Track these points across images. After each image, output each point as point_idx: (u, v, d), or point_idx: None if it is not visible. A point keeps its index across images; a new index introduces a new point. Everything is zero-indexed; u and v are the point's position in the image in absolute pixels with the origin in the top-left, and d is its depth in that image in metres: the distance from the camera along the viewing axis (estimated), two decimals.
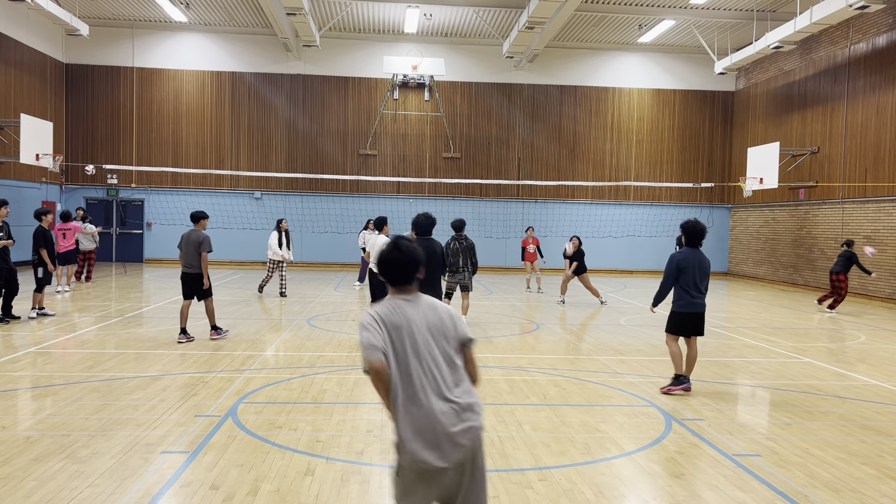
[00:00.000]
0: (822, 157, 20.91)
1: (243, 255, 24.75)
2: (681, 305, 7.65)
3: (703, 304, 7.71)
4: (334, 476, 5.00)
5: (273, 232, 16.02)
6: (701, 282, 7.61)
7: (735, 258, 26.01)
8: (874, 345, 11.57)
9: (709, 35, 23.70)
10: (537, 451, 5.63)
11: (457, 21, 23.45)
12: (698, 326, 7.71)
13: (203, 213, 10.34)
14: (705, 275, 7.64)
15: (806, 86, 21.81)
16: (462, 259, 11.44)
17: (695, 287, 7.59)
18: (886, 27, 18.23)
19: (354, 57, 25.17)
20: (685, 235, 7.65)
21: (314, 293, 17.04)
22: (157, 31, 24.68)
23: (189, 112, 24.90)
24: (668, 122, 26.18)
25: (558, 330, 12.23)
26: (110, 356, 8.99)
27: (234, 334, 10.77)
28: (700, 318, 7.69)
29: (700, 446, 5.89)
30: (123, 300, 14.86)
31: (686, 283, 7.57)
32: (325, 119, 25.28)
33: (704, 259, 7.68)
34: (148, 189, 24.85)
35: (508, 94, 25.66)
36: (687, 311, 7.64)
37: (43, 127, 19.75)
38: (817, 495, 4.89)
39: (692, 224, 7.61)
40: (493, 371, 8.62)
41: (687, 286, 7.58)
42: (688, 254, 7.62)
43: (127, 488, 4.68)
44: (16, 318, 11.59)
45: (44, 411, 6.49)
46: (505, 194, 25.63)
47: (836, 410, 7.23)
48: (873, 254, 16.42)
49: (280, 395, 7.23)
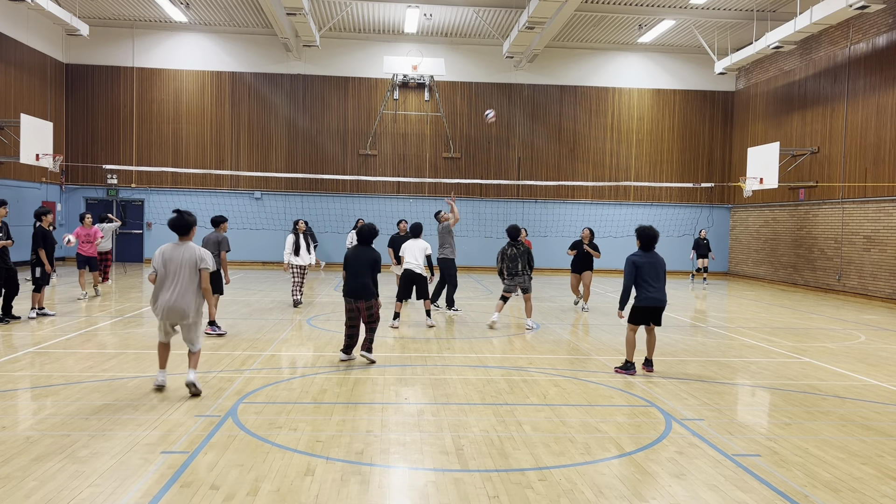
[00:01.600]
0: (822, 157, 20.91)
1: (243, 255, 24.75)
2: (641, 300, 8.56)
3: (662, 297, 8.56)
4: (334, 476, 5.00)
5: (289, 235, 14.14)
6: (657, 279, 8.51)
7: (735, 258, 26.01)
8: (874, 345, 11.57)
9: (709, 35, 23.70)
10: (537, 451, 5.63)
11: (457, 21, 23.45)
12: (656, 317, 8.65)
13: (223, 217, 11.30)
14: (661, 272, 8.56)
15: (806, 86, 21.81)
16: (521, 263, 11.97)
17: (652, 284, 8.49)
18: (886, 27, 18.23)
19: (354, 57, 25.17)
20: (640, 240, 8.63)
21: (314, 293, 17.04)
22: (157, 31, 24.68)
23: (189, 112, 24.90)
24: (668, 122, 26.19)
25: (558, 330, 12.23)
26: (110, 356, 8.99)
27: (234, 334, 10.77)
28: (658, 310, 8.61)
29: (700, 446, 5.89)
30: (123, 300, 14.85)
31: (644, 281, 8.49)
32: (325, 119, 25.29)
33: (658, 259, 8.64)
34: (148, 189, 24.86)
35: (508, 94, 25.67)
36: (647, 304, 8.53)
37: (43, 127, 19.76)
38: (817, 495, 4.89)
39: (646, 229, 8.63)
40: (493, 371, 8.63)
41: (645, 284, 8.49)
42: (643, 255, 8.58)
43: (127, 488, 4.68)
44: (16, 318, 11.59)
45: (44, 411, 6.49)
46: (505, 194, 25.64)
47: (836, 410, 7.23)
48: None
49: (280, 395, 7.23)
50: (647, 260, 8.53)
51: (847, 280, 19.47)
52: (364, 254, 8.79)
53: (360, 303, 8.68)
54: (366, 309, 8.70)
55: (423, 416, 6.58)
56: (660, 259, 8.63)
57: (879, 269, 18.20)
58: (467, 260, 25.09)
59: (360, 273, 8.69)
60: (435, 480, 4.98)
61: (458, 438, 5.91)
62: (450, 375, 8.32)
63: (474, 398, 7.30)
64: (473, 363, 9.10)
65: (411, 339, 10.82)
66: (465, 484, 4.91)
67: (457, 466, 5.25)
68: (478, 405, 7.04)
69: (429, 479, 5.02)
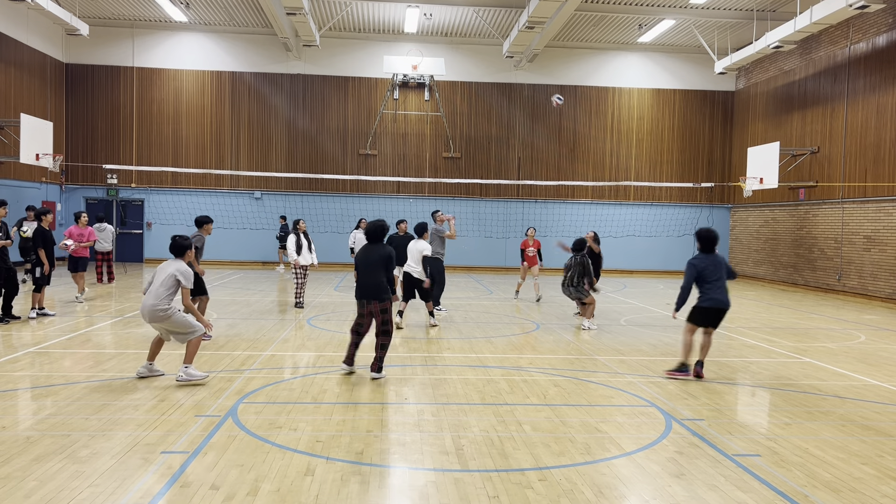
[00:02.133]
0: (822, 157, 20.91)
1: (243, 255, 24.75)
2: (704, 300, 8.48)
3: (725, 299, 8.46)
4: (334, 476, 5.00)
5: (291, 235, 13.93)
6: (720, 280, 8.44)
7: (735, 258, 26.00)
8: (874, 345, 11.57)
9: (709, 35, 23.70)
10: (537, 451, 5.63)
11: (457, 21, 23.45)
12: (717, 319, 8.55)
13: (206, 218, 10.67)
14: (723, 273, 8.48)
15: (806, 86, 21.81)
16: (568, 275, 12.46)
17: (715, 286, 8.41)
18: (886, 27, 18.23)
19: (354, 57, 25.17)
20: (700, 242, 8.60)
21: (314, 293, 17.04)
22: (157, 30, 24.68)
23: (189, 112, 24.90)
24: (668, 121, 26.19)
25: (558, 330, 12.23)
26: (110, 356, 8.99)
27: (234, 334, 10.77)
28: (721, 312, 8.49)
29: (700, 446, 5.89)
30: (123, 300, 14.85)
31: (707, 283, 8.43)
32: (325, 119, 25.28)
33: (720, 260, 8.56)
34: (148, 189, 24.86)
35: (508, 94, 25.67)
36: (710, 305, 8.45)
37: (43, 127, 19.75)
38: (817, 495, 4.89)
39: (706, 232, 8.59)
40: (493, 371, 8.63)
41: (708, 285, 8.43)
42: (703, 258, 8.52)
43: (127, 488, 4.68)
44: (16, 318, 11.59)
45: (44, 411, 6.49)
46: (505, 194, 25.64)
47: (836, 410, 7.23)
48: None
49: (280, 395, 7.23)
50: (709, 262, 8.47)
51: (847, 280, 19.47)
52: (375, 251, 8.10)
53: (374, 304, 7.94)
54: (380, 313, 7.95)
55: (423, 416, 6.58)
56: (721, 260, 8.57)
57: (879, 269, 18.20)
58: (467, 260, 25.09)
59: (373, 271, 7.99)
60: (435, 480, 4.98)
61: (458, 438, 5.91)
62: (450, 375, 8.32)
63: (474, 398, 7.30)
64: (473, 363, 9.10)
65: (411, 339, 10.82)
66: (465, 484, 4.91)
67: (457, 466, 5.25)
68: (478, 405, 7.04)
69: (429, 479, 5.02)
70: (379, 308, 7.95)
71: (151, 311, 7.33)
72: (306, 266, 14.05)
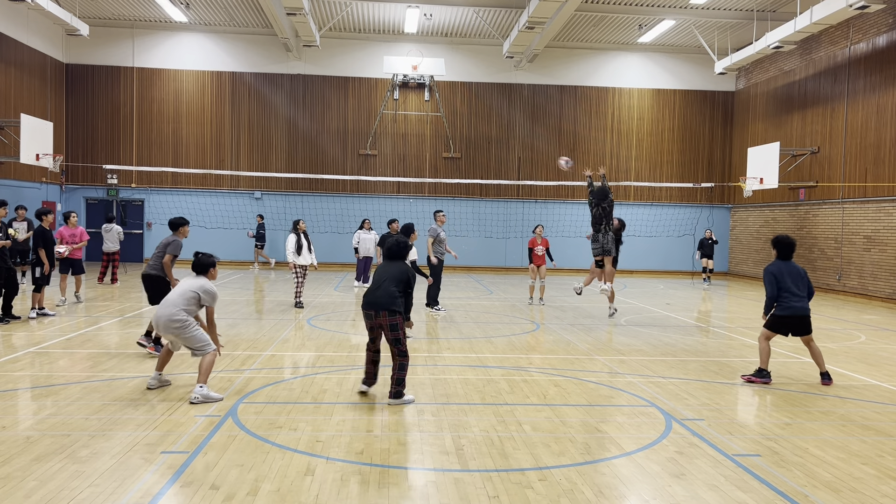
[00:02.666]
0: (822, 157, 20.91)
1: (243, 255, 24.75)
2: (783, 309, 8.37)
3: (804, 306, 8.38)
4: (334, 476, 5.00)
5: (290, 235, 13.94)
6: (799, 287, 8.37)
7: (735, 258, 26.01)
8: (874, 345, 11.57)
9: (709, 35, 23.70)
10: (537, 451, 5.63)
11: (457, 21, 23.45)
12: (802, 326, 8.40)
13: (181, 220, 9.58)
14: (800, 279, 8.43)
15: (806, 86, 21.81)
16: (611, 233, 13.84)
17: (794, 293, 8.33)
18: (886, 27, 18.23)
19: (354, 57, 25.18)
20: (776, 249, 8.60)
21: (314, 293, 17.04)
22: (157, 31, 24.69)
23: (189, 112, 24.90)
24: (668, 122, 26.19)
25: (558, 330, 12.23)
26: (110, 356, 8.99)
27: (234, 334, 10.77)
28: (803, 319, 8.37)
29: (700, 446, 5.89)
30: (123, 300, 14.85)
31: (785, 290, 8.35)
32: (326, 119, 25.29)
33: (797, 268, 8.51)
34: (148, 189, 24.86)
35: (508, 94, 25.67)
36: (787, 313, 8.34)
37: (43, 127, 19.75)
38: (817, 495, 4.89)
39: (784, 238, 8.58)
40: (493, 371, 8.63)
41: (787, 293, 8.34)
42: (780, 265, 8.49)
43: (127, 488, 4.68)
44: (16, 318, 11.59)
45: (44, 411, 6.49)
46: (505, 194, 25.64)
47: (836, 410, 7.23)
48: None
49: (280, 395, 7.23)
50: (787, 269, 8.40)
51: (847, 280, 19.47)
52: (393, 268, 7.20)
53: (382, 315, 6.88)
54: (389, 329, 6.91)
55: (423, 416, 6.58)
56: (799, 268, 8.51)
57: (879, 269, 18.20)
58: (468, 260, 25.08)
59: (387, 282, 7.03)
60: (435, 480, 4.98)
61: (458, 438, 5.91)
62: (450, 375, 8.33)
63: (474, 398, 7.30)
64: (473, 363, 9.10)
65: (411, 339, 10.82)
66: (465, 484, 4.91)
67: (457, 466, 5.25)
68: (478, 405, 7.04)
69: (429, 478, 5.02)
70: (388, 322, 6.89)
71: (167, 323, 7.01)
72: (305, 266, 14.11)
